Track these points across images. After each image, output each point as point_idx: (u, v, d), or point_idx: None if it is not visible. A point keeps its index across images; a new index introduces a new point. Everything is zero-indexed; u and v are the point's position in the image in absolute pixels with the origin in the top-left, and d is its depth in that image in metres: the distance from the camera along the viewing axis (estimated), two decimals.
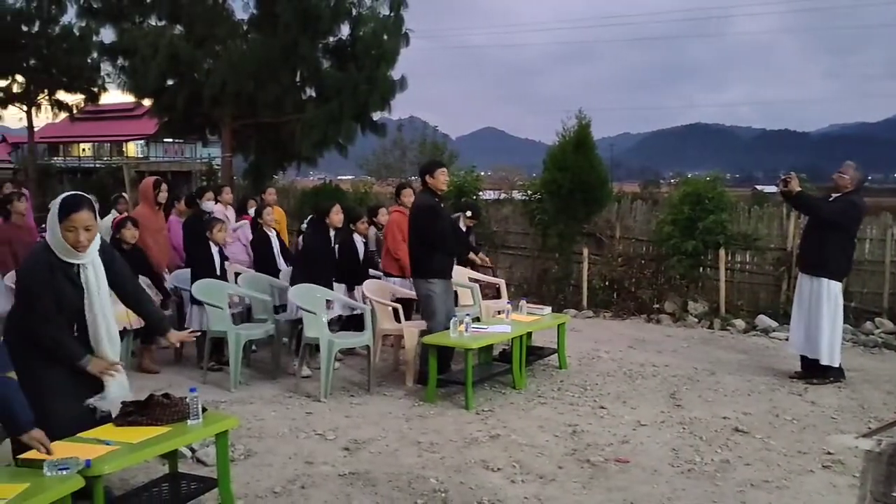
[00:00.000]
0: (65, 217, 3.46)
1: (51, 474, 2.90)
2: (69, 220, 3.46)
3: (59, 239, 3.47)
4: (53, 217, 3.49)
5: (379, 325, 6.97)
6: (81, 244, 3.49)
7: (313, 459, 4.75)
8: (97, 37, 20.24)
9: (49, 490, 2.82)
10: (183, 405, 3.67)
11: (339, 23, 15.67)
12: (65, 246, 3.47)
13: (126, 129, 44.93)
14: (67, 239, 3.46)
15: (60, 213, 3.47)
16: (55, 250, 3.50)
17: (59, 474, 2.91)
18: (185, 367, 7.11)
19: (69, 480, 2.91)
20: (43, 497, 2.77)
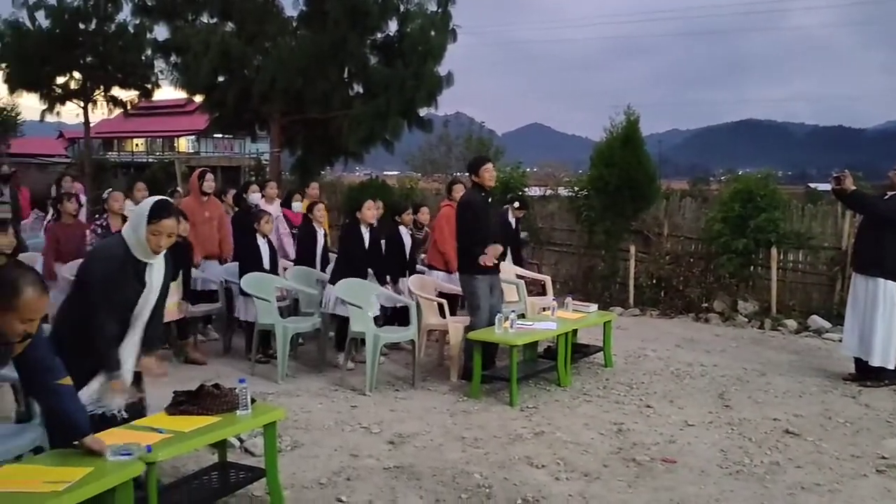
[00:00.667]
0: (154, 221, 3.52)
1: (114, 459, 2.98)
2: (157, 225, 3.52)
3: (142, 240, 3.52)
4: (141, 218, 3.54)
5: (424, 320, 7.00)
6: (161, 249, 3.58)
7: (358, 452, 4.80)
8: (151, 34, 20.62)
9: (112, 474, 2.90)
10: (232, 396, 3.74)
11: (387, 19, 15.76)
12: (145, 248, 3.54)
13: (178, 124, 45.85)
14: (150, 242, 3.52)
15: (150, 216, 3.52)
16: (131, 247, 3.55)
17: (121, 459, 2.98)
18: (233, 359, 7.23)
19: (131, 465, 2.98)
20: (107, 480, 2.85)
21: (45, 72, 23.18)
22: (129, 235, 3.57)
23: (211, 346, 7.52)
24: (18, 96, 24.02)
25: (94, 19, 22.64)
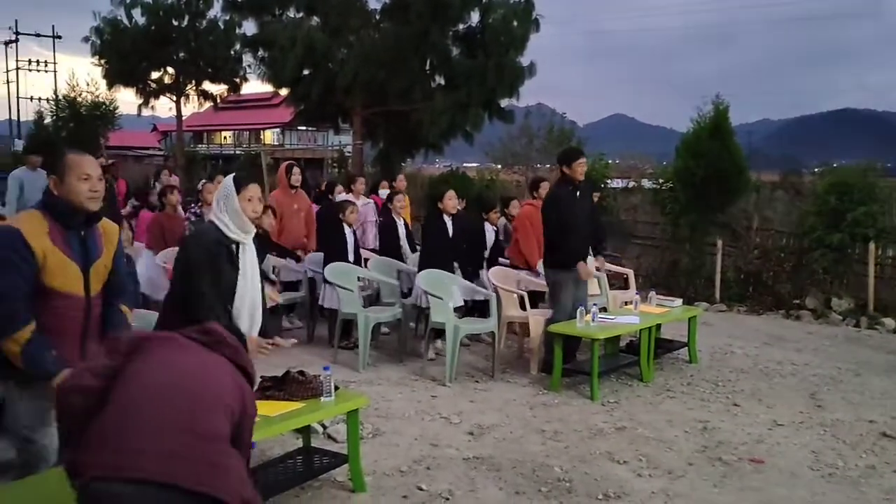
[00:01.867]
0: (243, 188, 3.62)
1: None
2: (246, 191, 3.61)
3: (238, 211, 3.58)
4: (229, 193, 3.61)
5: (504, 311, 6.98)
6: (257, 214, 3.66)
7: (438, 442, 4.83)
8: (240, 29, 21.30)
9: None
10: (317, 383, 3.81)
11: (469, 10, 15.78)
12: (242, 218, 3.60)
13: (263, 117, 47.03)
14: (246, 210, 3.60)
15: (237, 187, 3.62)
16: (223, 226, 3.60)
17: None
18: (316, 346, 7.37)
19: None
20: None
21: (141, 67, 24.21)
22: (222, 216, 3.62)
23: (294, 335, 7.69)
24: (116, 91, 25.16)
25: (186, 16, 23.48)
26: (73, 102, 25.17)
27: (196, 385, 2.23)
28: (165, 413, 2.11)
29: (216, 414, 2.19)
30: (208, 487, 2.05)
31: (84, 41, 24.06)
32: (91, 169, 3.02)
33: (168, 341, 2.38)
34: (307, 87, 16.65)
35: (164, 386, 2.19)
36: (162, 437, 2.07)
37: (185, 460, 2.06)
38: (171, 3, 23.29)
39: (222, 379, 2.32)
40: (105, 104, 25.45)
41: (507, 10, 15.30)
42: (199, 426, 2.12)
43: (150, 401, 2.14)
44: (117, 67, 23.86)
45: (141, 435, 2.06)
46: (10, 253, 2.85)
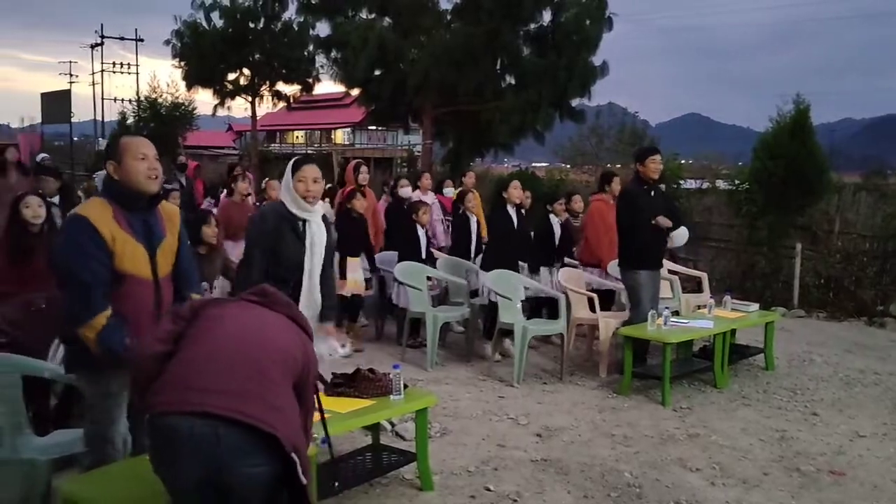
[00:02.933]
0: (296, 170, 3.82)
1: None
2: (300, 172, 3.81)
3: (292, 190, 3.80)
4: (287, 175, 3.84)
5: (573, 313, 6.91)
6: (311, 193, 3.80)
7: (505, 443, 4.81)
8: (313, 31, 21.63)
9: None
10: (386, 381, 3.84)
11: (541, 9, 15.67)
12: (295, 196, 3.79)
13: (335, 117, 47.74)
14: (298, 189, 3.79)
15: (293, 169, 3.83)
16: (286, 204, 3.83)
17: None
18: (385, 345, 7.43)
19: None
20: None
21: (218, 69, 24.86)
22: (284, 195, 3.85)
23: (362, 332, 7.77)
24: (195, 92, 25.92)
25: (262, 18, 23.99)
26: (154, 103, 26.06)
27: (260, 337, 2.38)
28: (233, 358, 2.28)
29: (280, 364, 2.34)
30: (265, 424, 2.18)
31: (165, 44, 24.88)
32: (147, 149, 3.06)
33: (228, 303, 2.54)
34: (378, 87, 16.83)
35: (229, 337, 2.35)
36: (228, 379, 2.23)
37: (247, 399, 2.20)
38: (248, 5, 23.84)
39: (284, 333, 2.46)
40: (184, 105, 26.29)
41: (580, 8, 15.14)
42: (265, 372, 2.28)
43: (216, 350, 2.31)
44: (196, 69, 24.57)
45: (206, 376, 2.24)
46: (84, 240, 2.89)
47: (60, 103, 26.21)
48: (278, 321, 2.50)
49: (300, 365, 2.42)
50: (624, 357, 5.97)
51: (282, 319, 2.51)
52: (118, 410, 3.07)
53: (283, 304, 2.56)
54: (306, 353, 2.48)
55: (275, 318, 2.50)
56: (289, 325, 2.51)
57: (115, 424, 3.07)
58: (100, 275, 2.90)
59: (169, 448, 2.22)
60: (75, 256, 2.90)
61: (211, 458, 2.16)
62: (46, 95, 27.27)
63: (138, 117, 26.11)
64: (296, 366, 2.40)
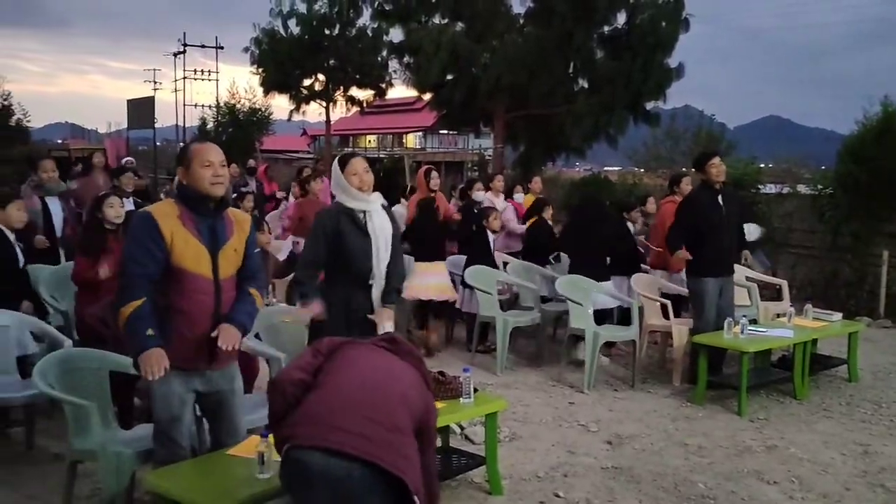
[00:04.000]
0: (345, 165, 3.93)
1: None
2: (349, 167, 3.92)
3: (346, 185, 3.90)
4: (336, 173, 3.94)
5: (646, 320, 6.80)
6: (364, 183, 3.90)
7: (575, 450, 4.76)
8: (387, 36, 21.90)
9: None
10: (456, 384, 3.86)
11: (616, 11, 15.49)
12: (349, 189, 3.89)
13: (406, 121, 48.10)
14: (352, 182, 3.88)
15: (341, 165, 3.95)
16: (344, 200, 3.93)
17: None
18: (454, 348, 7.45)
19: None
20: None
21: (294, 75, 25.37)
22: (339, 193, 3.95)
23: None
24: (272, 98, 26.53)
25: (337, 25, 24.39)
26: (233, 109, 26.79)
27: (386, 381, 2.59)
28: (368, 402, 2.48)
29: (402, 409, 2.53)
30: (395, 469, 2.37)
31: (244, 51, 25.54)
32: (213, 156, 3.16)
33: (361, 346, 2.76)
34: (450, 91, 16.92)
35: (364, 380, 2.56)
36: (365, 423, 2.42)
37: (381, 445, 2.40)
38: (324, 13, 24.28)
39: (408, 380, 2.66)
40: (261, 110, 26.96)
41: (656, 10, 14.90)
42: (395, 419, 2.48)
43: (349, 390, 2.52)
44: (273, 75, 25.14)
45: (345, 417, 2.43)
46: (142, 233, 3.06)
47: (145, 109, 27.25)
48: (404, 370, 2.69)
49: (421, 413, 2.62)
50: (698, 365, 5.84)
51: (407, 368, 2.71)
52: (182, 409, 3.17)
53: (408, 354, 2.78)
54: (427, 403, 2.70)
55: (401, 366, 2.70)
56: (414, 374, 2.71)
57: (177, 422, 3.16)
58: (145, 266, 3.03)
59: (303, 479, 2.42)
60: (130, 247, 3.10)
61: (342, 494, 2.37)
62: (132, 102, 28.37)
63: (217, 122, 26.89)
64: (418, 414, 2.60)
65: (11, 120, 29.96)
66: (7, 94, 29.76)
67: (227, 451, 3.12)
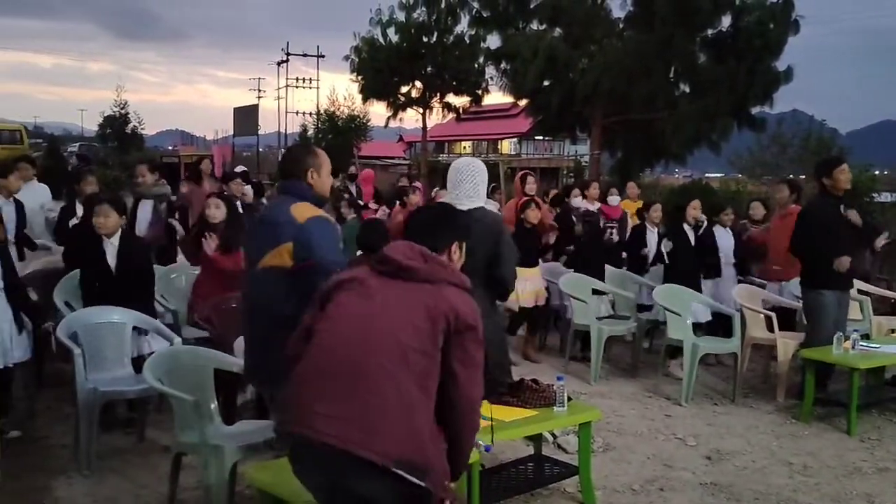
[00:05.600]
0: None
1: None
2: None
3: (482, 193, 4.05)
4: (484, 177, 4.09)
5: (749, 332, 6.56)
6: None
7: (672, 463, 4.64)
8: (484, 43, 21.99)
9: None
10: (550, 392, 3.82)
11: (720, 14, 15.05)
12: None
13: (501, 127, 48.13)
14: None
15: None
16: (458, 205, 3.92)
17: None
18: (547, 356, 7.39)
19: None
20: None
21: (392, 82, 25.82)
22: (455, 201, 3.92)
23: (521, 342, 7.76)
24: (370, 105, 27.10)
25: (435, 32, 24.68)
26: (333, 116, 27.50)
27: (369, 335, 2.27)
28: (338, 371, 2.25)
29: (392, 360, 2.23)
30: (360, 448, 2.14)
31: (344, 59, 26.20)
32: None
33: (355, 286, 2.41)
34: (547, 97, 16.84)
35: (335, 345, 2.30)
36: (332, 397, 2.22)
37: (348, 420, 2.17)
38: (423, 21, 24.62)
39: (400, 314, 2.29)
40: (359, 117, 27.57)
41: (763, 11, 14.38)
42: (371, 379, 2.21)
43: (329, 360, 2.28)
44: (372, 83, 25.66)
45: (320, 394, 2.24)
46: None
47: (249, 117, 28.32)
48: (400, 302, 2.32)
49: (427, 350, 2.27)
50: (804, 381, 5.59)
51: (405, 292, 2.33)
52: None
53: (408, 270, 2.36)
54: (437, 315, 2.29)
55: (397, 298, 2.33)
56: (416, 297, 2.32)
57: None
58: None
59: (297, 461, 2.33)
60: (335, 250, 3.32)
61: (331, 475, 2.23)
62: (238, 110, 29.52)
63: (317, 129, 27.65)
64: (422, 342, 2.26)
65: (128, 128, 31.71)
66: (124, 103, 31.56)
67: None
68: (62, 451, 4.49)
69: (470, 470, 3.26)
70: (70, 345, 4.22)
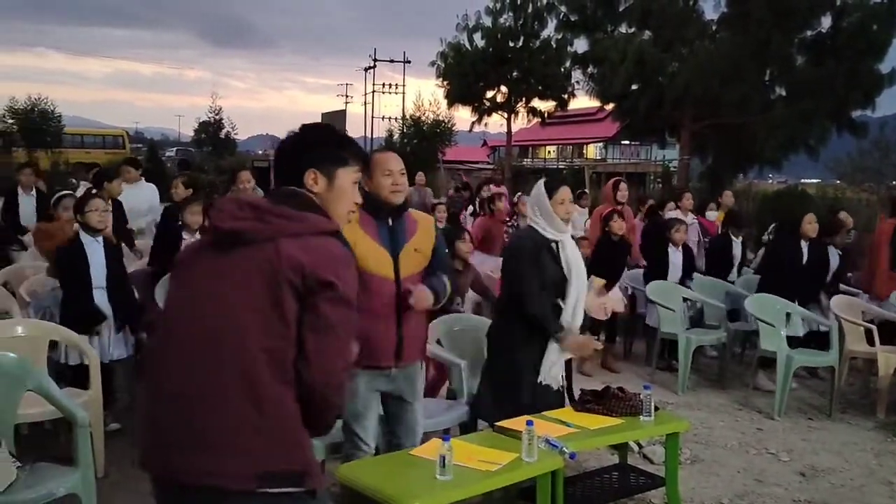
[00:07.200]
0: (554, 193, 3.89)
1: (545, 448, 3.16)
2: (558, 195, 3.89)
3: (551, 213, 3.87)
4: (542, 198, 3.90)
5: (847, 345, 6.28)
6: (569, 215, 3.92)
7: (764, 478, 4.50)
8: (571, 47, 21.85)
9: (539, 462, 3.08)
10: (636, 401, 3.76)
11: (819, 15, 14.50)
12: (555, 219, 3.87)
13: (587, 132, 47.58)
14: (559, 212, 3.87)
15: (549, 191, 3.90)
16: (540, 228, 3.90)
17: (554, 450, 3.16)
18: (633, 364, 7.27)
19: (554, 457, 3.15)
20: (534, 467, 3.07)
21: (477, 87, 25.94)
22: (537, 219, 3.91)
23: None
24: (455, 110, 27.27)
25: (521, 37, 24.67)
26: (418, 121, 27.81)
27: (203, 333, 1.83)
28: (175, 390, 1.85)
29: (232, 353, 1.79)
30: (211, 477, 1.77)
31: (430, 65, 26.48)
32: (393, 165, 3.27)
33: (187, 277, 1.95)
34: (634, 101, 16.58)
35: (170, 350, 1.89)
36: (170, 424, 1.84)
37: (187, 449, 1.80)
38: (509, 25, 24.64)
39: (239, 299, 1.81)
40: (444, 122, 27.78)
41: (865, 12, 13.77)
42: (210, 389, 1.80)
43: (167, 380, 1.87)
44: (457, 88, 25.84)
45: (153, 422, 1.90)
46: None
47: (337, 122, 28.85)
48: (232, 276, 1.83)
49: (275, 311, 1.78)
50: None
51: (242, 264, 1.83)
52: (365, 410, 3.32)
53: (228, 235, 1.86)
54: (278, 281, 1.78)
55: (229, 274, 1.84)
56: (250, 266, 1.82)
57: (362, 419, 3.31)
58: None
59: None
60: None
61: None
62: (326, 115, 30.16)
63: (403, 134, 28.01)
64: (268, 328, 1.78)
65: (222, 133, 32.86)
66: (219, 109, 32.72)
67: (409, 452, 3.24)
68: None
69: (554, 477, 3.25)
70: None
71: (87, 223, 4.68)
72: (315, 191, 2.02)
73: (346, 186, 2.08)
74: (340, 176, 2.06)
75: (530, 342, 3.89)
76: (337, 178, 2.05)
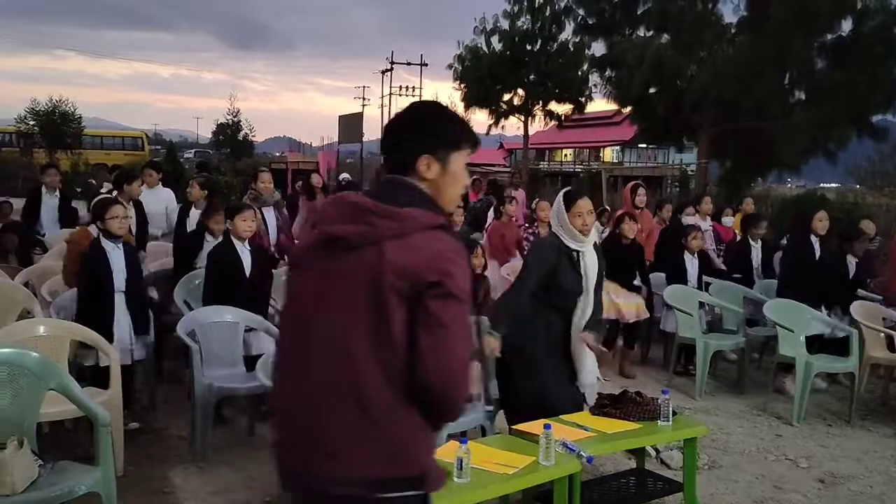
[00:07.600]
0: (571, 205, 3.94)
1: (563, 451, 3.17)
2: (576, 207, 3.94)
3: (568, 225, 3.93)
4: (560, 209, 3.97)
5: (867, 352, 6.22)
6: (587, 227, 3.94)
7: (782, 485, 4.47)
8: (589, 51, 21.81)
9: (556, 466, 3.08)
10: (654, 405, 3.76)
11: (840, 19, 14.38)
12: (572, 231, 3.92)
13: (604, 135, 47.47)
14: (575, 224, 3.92)
15: (567, 203, 3.96)
16: (562, 237, 3.97)
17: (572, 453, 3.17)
18: (650, 368, 7.23)
19: (572, 461, 3.15)
20: (552, 471, 3.08)
21: (494, 90, 25.96)
22: (558, 229, 3.98)
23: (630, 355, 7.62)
24: (471, 113, 27.30)
25: (539, 40, 24.65)
26: None
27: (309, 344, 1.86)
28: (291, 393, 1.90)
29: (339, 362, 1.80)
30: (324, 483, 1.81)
31: (447, 68, 26.53)
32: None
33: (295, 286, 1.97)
34: (652, 104, 16.54)
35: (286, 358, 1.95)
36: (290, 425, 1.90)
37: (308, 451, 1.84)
38: (527, 29, 24.64)
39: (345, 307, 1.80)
40: None
41: (887, 15, 13.64)
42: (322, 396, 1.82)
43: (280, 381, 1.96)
44: (474, 91, 25.87)
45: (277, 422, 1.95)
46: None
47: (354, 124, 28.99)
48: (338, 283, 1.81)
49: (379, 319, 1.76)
50: None
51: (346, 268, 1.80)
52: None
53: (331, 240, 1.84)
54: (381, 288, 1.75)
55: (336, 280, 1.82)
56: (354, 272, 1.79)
57: None
58: None
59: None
60: None
61: None
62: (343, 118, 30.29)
63: None
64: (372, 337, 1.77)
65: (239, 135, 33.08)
66: (237, 111, 32.94)
67: None
68: (179, 442, 4.72)
69: (571, 481, 3.25)
70: (189, 342, 4.43)
71: (107, 230, 4.71)
72: (428, 177, 1.91)
73: (459, 170, 1.97)
74: (454, 160, 1.94)
75: (552, 343, 3.92)
76: (451, 163, 1.94)
